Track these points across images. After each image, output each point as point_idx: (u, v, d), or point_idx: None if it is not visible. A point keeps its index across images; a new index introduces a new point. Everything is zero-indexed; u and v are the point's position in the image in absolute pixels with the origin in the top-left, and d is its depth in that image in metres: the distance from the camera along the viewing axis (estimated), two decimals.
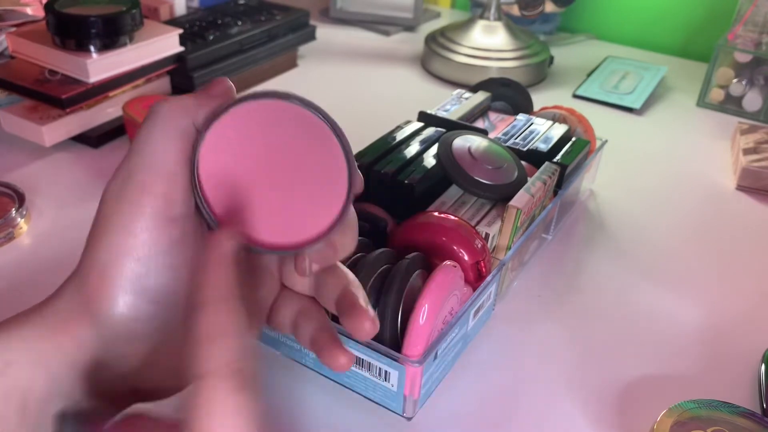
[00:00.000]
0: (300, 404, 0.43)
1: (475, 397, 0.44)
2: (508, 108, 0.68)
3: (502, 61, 0.88)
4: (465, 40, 0.91)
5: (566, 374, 0.46)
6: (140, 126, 0.30)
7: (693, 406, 0.41)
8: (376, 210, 0.49)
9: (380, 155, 0.53)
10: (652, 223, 0.63)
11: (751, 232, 0.63)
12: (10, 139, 0.68)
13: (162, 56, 0.72)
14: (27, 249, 0.55)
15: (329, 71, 0.91)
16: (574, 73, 0.94)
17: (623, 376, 0.46)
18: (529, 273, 0.56)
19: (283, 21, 0.87)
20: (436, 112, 0.62)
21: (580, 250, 0.59)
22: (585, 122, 0.64)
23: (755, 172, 0.68)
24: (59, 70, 0.67)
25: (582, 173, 0.61)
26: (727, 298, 0.54)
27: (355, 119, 0.79)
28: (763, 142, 0.73)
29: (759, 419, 0.40)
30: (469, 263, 0.45)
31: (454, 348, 0.44)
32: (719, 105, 0.86)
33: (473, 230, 0.46)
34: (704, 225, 0.64)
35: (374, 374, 0.41)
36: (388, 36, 1.05)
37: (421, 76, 0.92)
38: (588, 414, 0.43)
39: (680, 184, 0.70)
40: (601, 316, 0.52)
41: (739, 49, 0.83)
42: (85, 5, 0.67)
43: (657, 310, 0.53)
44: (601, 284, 0.55)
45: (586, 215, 0.64)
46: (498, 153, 0.54)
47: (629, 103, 0.85)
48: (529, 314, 0.51)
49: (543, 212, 0.55)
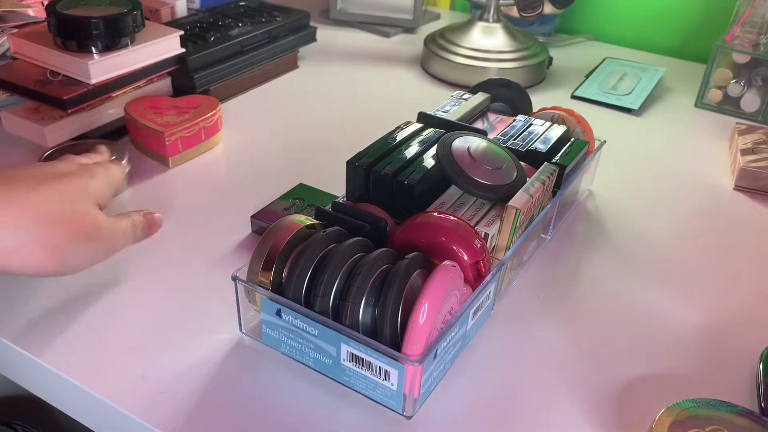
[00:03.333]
0: (300, 403, 0.43)
1: (475, 395, 0.44)
2: (507, 109, 0.68)
3: (501, 62, 0.89)
4: (464, 41, 0.91)
5: (565, 373, 0.46)
6: None
7: (691, 405, 0.41)
8: (376, 210, 0.49)
9: (380, 156, 0.53)
10: (650, 223, 0.64)
11: (749, 232, 0.63)
12: (12, 140, 0.68)
13: (163, 57, 0.72)
14: None
15: (329, 72, 0.91)
16: (572, 74, 0.95)
17: (622, 375, 0.46)
18: (528, 273, 0.56)
19: (284, 22, 0.88)
20: (435, 113, 0.62)
21: (578, 250, 0.59)
22: (584, 123, 0.65)
23: (753, 173, 0.68)
24: (61, 72, 0.67)
25: (581, 174, 0.61)
26: (724, 297, 0.54)
27: (355, 120, 0.80)
28: (761, 143, 0.73)
29: (757, 418, 0.41)
30: (469, 263, 0.45)
31: (454, 347, 0.45)
32: (717, 106, 0.86)
33: (472, 230, 0.46)
34: (702, 225, 0.64)
35: (374, 373, 0.41)
36: (387, 37, 1.05)
37: (421, 77, 0.92)
38: (586, 413, 0.44)
39: (678, 184, 0.70)
40: (599, 316, 0.52)
41: (737, 50, 0.83)
42: (86, 7, 0.67)
43: (655, 309, 0.53)
44: (600, 284, 0.55)
45: (585, 215, 0.64)
46: (497, 153, 0.54)
47: (628, 103, 0.86)
48: (528, 314, 0.52)
49: (542, 212, 0.55)
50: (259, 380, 0.44)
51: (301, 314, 0.42)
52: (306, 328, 0.42)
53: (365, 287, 0.41)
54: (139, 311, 0.49)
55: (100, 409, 0.43)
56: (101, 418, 0.44)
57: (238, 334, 0.48)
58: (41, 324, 0.48)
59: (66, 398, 0.46)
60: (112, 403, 0.42)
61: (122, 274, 0.53)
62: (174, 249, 0.56)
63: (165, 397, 0.43)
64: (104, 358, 0.45)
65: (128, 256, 0.53)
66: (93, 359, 0.45)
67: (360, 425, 0.42)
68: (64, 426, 0.79)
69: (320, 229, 0.45)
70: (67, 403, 0.46)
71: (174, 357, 0.45)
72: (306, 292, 0.42)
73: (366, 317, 0.41)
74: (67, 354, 0.45)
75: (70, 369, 0.44)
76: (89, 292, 0.51)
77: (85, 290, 0.51)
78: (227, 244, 0.56)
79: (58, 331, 0.47)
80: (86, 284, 0.51)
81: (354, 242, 0.43)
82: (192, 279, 0.53)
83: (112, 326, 0.48)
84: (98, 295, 0.50)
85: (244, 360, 0.46)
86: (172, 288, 0.52)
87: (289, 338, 0.44)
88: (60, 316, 0.48)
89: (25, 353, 0.45)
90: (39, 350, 0.45)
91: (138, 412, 0.42)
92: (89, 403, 0.44)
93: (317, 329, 0.42)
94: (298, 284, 0.42)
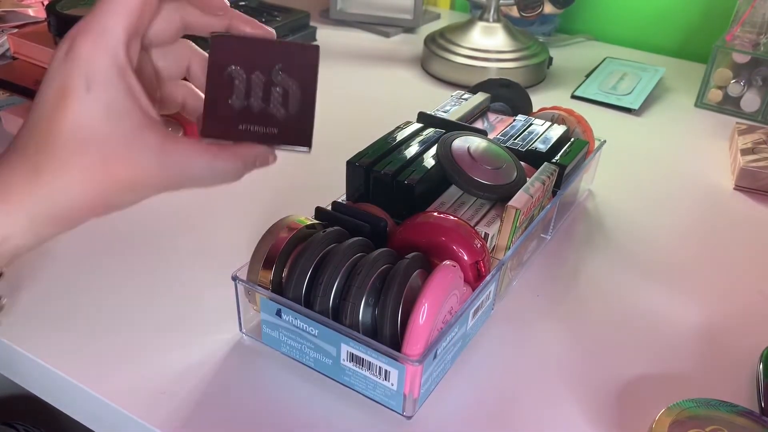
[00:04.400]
0: (300, 404, 0.43)
1: (475, 395, 0.44)
2: (507, 109, 0.68)
3: (502, 62, 0.89)
4: (464, 41, 0.91)
5: (565, 373, 0.46)
6: None
7: (691, 405, 0.41)
8: (376, 210, 0.49)
9: (380, 156, 0.53)
10: (650, 223, 0.64)
11: (749, 232, 0.63)
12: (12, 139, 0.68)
13: None
14: None
15: (329, 72, 0.91)
16: (572, 74, 0.95)
17: (622, 375, 0.46)
18: (528, 272, 0.56)
19: (284, 22, 0.88)
20: (435, 113, 0.62)
21: (578, 249, 0.59)
22: (584, 123, 0.65)
23: (753, 173, 0.68)
24: None
25: (581, 173, 0.61)
26: (725, 297, 0.54)
27: (355, 120, 0.80)
28: (761, 143, 0.73)
29: (757, 418, 0.41)
30: (469, 263, 0.45)
31: (454, 347, 0.45)
32: (717, 105, 0.86)
33: (472, 230, 0.46)
34: (702, 225, 0.64)
35: (374, 373, 0.41)
36: (388, 37, 1.05)
37: (421, 77, 0.92)
38: (587, 412, 0.44)
39: (678, 184, 0.70)
40: (599, 316, 0.52)
41: (737, 50, 0.83)
42: (86, 6, 0.67)
43: (655, 309, 0.53)
44: (600, 284, 0.55)
45: (585, 215, 0.64)
46: (497, 153, 0.54)
47: (628, 103, 0.86)
48: (528, 313, 0.52)
49: (542, 212, 0.55)
50: (259, 380, 0.44)
51: (301, 314, 0.42)
52: (306, 328, 0.42)
53: (365, 287, 0.41)
54: (139, 311, 0.49)
55: (100, 409, 0.43)
56: (102, 418, 0.44)
57: (238, 334, 0.48)
58: (42, 325, 0.48)
59: (67, 398, 0.46)
60: (112, 403, 0.42)
61: (123, 274, 0.53)
62: (174, 249, 0.56)
63: (165, 397, 0.43)
64: (105, 359, 0.45)
65: (128, 256, 0.53)
66: (94, 359, 0.45)
67: (360, 425, 0.42)
68: (65, 426, 0.79)
69: (320, 229, 0.45)
70: (68, 403, 0.46)
71: (174, 357, 0.45)
72: (306, 292, 0.42)
73: (366, 317, 0.41)
74: (68, 354, 0.45)
75: (71, 369, 0.44)
76: (90, 293, 0.51)
77: (85, 291, 0.51)
78: (227, 244, 0.56)
79: (59, 331, 0.47)
80: (87, 285, 0.51)
81: (354, 242, 0.43)
82: (192, 279, 0.53)
83: (112, 326, 0.48)
84: (99, 295, 0.50)
85: (244, 360, 0.46)
86: (172, 288, 0.52)
87: (289, 338, 0.44)
88: (61, 317, 0.48)
89: (27, 354, 0.45)
90: (40, 351, 0.45)
91: (138, 412, 0.42)
92: (90, 403, 0.44)
93: (317, 329, 0.42)
94: (298, 284, 0.42)
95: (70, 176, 0.31)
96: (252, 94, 0.34)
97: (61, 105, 0.31)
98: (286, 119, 0.35)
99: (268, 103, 0.35)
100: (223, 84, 0.34)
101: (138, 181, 0.32)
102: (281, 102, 0.35)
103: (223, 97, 0.34)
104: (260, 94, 0.35)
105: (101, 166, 0.31)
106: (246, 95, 0.34)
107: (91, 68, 0.31)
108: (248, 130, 0.35)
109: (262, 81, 0.35)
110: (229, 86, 0.34)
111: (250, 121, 0.35)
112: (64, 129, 0.31)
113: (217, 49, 0.34)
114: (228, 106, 0.34)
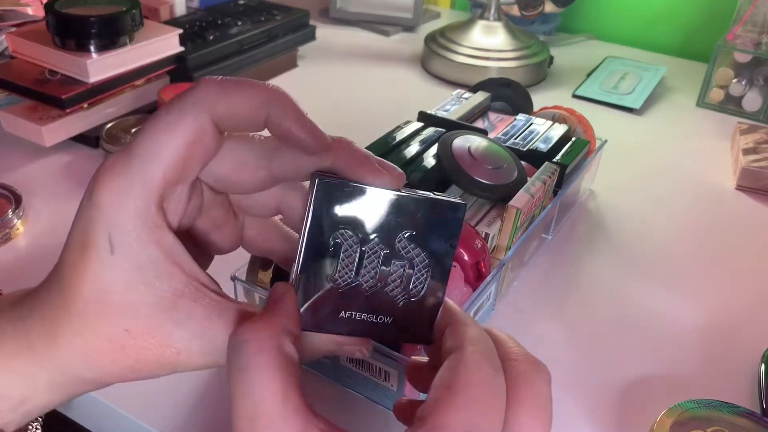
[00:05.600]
0: None
1: None
2: (508, 108, 0.68)
3: (502, 62, 0.88)
4: (465, 40, 0.91)
5: (566, 374, 0.46)
6: None
7: (693, 406, 0.41)
8: None
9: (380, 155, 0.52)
10: (651, 223, 0.63)
11: (751, 232, 0.63)
12: (10, 139, 0.68)
13: (162, 56, 0.72)
14: (24, 250, 0.55)
15: (329, 71, 0.91)
16: (573, 73, 0.94)
17: (623, 376, 0.46)
18: (529, 273, 0.56)
19: (283, 21, 0.87)
20: (435, 112, 0.62)
21: (579, 250, 0.59)
22: (585, 122, 0.64)
23: (755, 172, 0.68)
24: (59, 71, 0.67)
25: (582, 173, 0.61)
26: (726, 297, 0.54)
27: (355, 119, 0.79)
28: (763, 142, 0.73)
29: (758, 419, 0.40)
30: (469, 263, 0.45)
31: None
32: (719, 105, 0.86)
33: (473, 230, 0.46)
34: (704, 225, 0.64)
35: (374, 374, 0.41)
36: (388, 36, 1.05)
37: (421, 76, 0.92)
38: (588, 413, 0.43)
39: (680, 184, 0.70)
40: (600, 316, 0.52)
41: (739, 49, 0.83)
42: (85, 5, 0.67)
43: (656, 309, 0.53)
44: (601, 284, 0.55)
45: (586, 215, 0.64)
46: (498, 153, 0.54)
47: (629, 103, 0.85)
48: (528, 314, 0.51)
49: (543, 212, 0.55)
50: None
51: None
52: None
53: None
54: None
55: (99, 410, 0.43)
56: (101, 419, 0.44)
57: None
58: None
59: None
60: (111, 404, 0.42)
61: None
62: None
63: (165, 397, 0.42)
64: None
65: None
66: None
67: (359, 426, 0.42)
68: (63, 426, 0.79)
69: None
70: None
71: None
72: None
73: None
74: None
75: None
76: None
77: None
78: None
79: None
80: None
81: None
82: None
83: None
84: None
85: None
86: None
87: None
88: None
89: None
90: None
91: (138, 412, 0.41)
92: (89, 403, 0.43)
93: None
94: None
95: (86, 345, 0.26)
96: (364, 270, 0.26)
97: (80, 265, 0.26)
98: (406, 305, 0.26)
99: (385, 284, 0.26)
100: (325, 251, 0.25)
101: (169, 360, 0.27)
102: (403, 282, 0.26)
103: (324, 271, 0.25)
104: (376, 271, 0.26)
105: (128, 339, 0.26)
106: (357, 270, 0.26)
107: (114, 225, 0.25)
108: (353, 318, 0.26)
109: (383, 252, 0.26)
110: (334, 255, 0.25)
111: (357, 308, 0.26)
112: (83, 292, 0.26)
113: (321, 200, 0.25)
114: (329, 285, 0.26)
